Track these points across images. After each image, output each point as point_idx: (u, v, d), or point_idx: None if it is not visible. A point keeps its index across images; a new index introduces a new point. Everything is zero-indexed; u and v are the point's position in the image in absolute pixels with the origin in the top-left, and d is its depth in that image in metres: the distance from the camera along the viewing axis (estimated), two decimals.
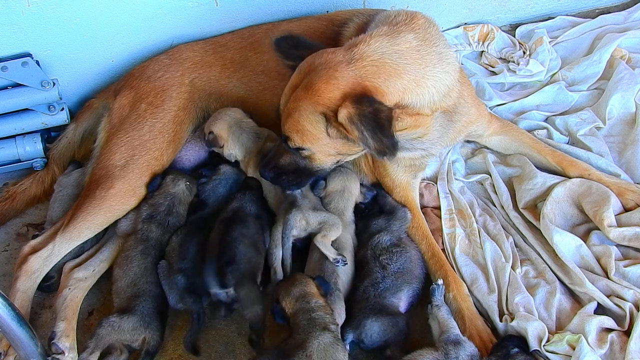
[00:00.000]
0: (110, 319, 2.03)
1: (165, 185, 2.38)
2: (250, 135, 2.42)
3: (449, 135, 2.38)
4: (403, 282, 2.12)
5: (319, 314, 1.89)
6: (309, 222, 2.18)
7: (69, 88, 2.76)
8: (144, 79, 2.55)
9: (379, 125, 1.86)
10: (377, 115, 1.87)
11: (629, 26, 3.11)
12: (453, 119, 2.31)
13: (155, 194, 2.36)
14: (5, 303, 1.83)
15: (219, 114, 2.45)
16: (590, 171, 2.43)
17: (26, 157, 2.71)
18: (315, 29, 2.51)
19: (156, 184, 2.39)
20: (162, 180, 2.40)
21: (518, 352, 1.93)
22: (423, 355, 1.90)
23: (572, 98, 2.84)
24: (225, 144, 2.41)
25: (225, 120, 2.41)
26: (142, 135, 2.41)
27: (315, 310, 1.90)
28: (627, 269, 2.11)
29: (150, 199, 2.36)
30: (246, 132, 2.42)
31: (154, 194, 2.37)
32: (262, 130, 2.46)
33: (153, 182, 2.39)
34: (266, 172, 2.20)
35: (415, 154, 2.36)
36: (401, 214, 2.32)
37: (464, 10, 3.18)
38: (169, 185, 2.38)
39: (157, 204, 2.34)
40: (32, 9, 2.44)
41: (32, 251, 2.26)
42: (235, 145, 2.41)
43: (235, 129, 2.41)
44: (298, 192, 2.25)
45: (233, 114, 2.45)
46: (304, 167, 2.16)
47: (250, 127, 2.44)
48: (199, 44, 2.67)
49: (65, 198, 2.49)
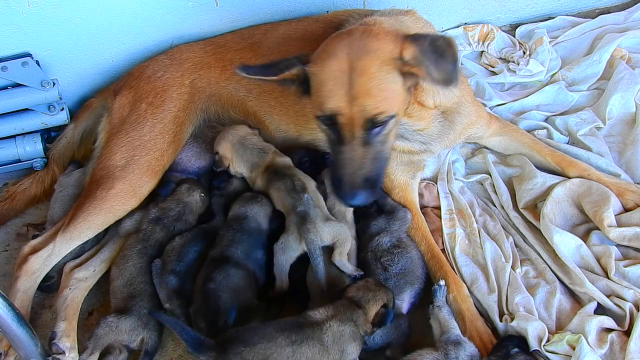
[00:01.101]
0: (107, 319, 2.03)
1: (179, 193, 2.38)
2: (254, 152, 2.40)
3: (449, 137, 2.38)
4: (405, 283, 2.12)
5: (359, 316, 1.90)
6: (323, 238, 2.13)
7: (69, 88, 2.76)
8: (144, 79, 2.54)
9: (440, 53, 1.84)
10: (435, 45, 1.86)
11: (629, 26, 3.11)
12: (454, 120, 2.32)
13: (168, 199, 2.36)
14: (5, 303, 1.83)
15: (223, 134, 2.44)
16: (590, 171, 2.43)
17: (26, 157, 2.71)
18: (312, 31, 2.51)
19: (170, 189, 2.39)
20: (177, 187, 2.40)
21: (518, 352, 1.92)
22: (423, 356, 1.90)
23: (572, 98, 2.84)
24: (230, 163, 2.41)
25: (228, 140, 2.41)
26: (143, 136, 2.41)
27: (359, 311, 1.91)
28: (627, 269, 2.10)
29: (161, 202, 2.35)
30: (249, 149, 2.40)
31: (166, 198, 2.37)
32: (267, 145, 2.44)
33: (167, 187, 2.39)
34: (360, 194, 1.96)
35: (414, 147, 2.37)
36: (401, 215, 2.32)
37: (464, 10, 3.18)
38: (183, 194, 2.38)
39: (168, 208, 2.33)
40: (32, 9, 2.44)
41: (33, 251, 2.26)
42: (240, 164, 2.40)
43: (238, 147, 2.40)
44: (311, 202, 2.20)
45: (236, 132, 2.43)
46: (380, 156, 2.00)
47: (254, 143, 2.42)
48: (199, 44, 2.67)
49: (65, 198, 2.49)
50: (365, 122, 1.92)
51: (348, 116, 1.92)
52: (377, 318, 1.92)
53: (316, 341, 1.81)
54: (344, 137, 1.96)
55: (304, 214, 2.16)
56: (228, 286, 2.04)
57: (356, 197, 1.96)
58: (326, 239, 2.13)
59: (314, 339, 1.81)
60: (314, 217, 2.15)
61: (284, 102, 2.54)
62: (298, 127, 2.57)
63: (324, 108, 1.94)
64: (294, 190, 2.24)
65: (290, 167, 2.37)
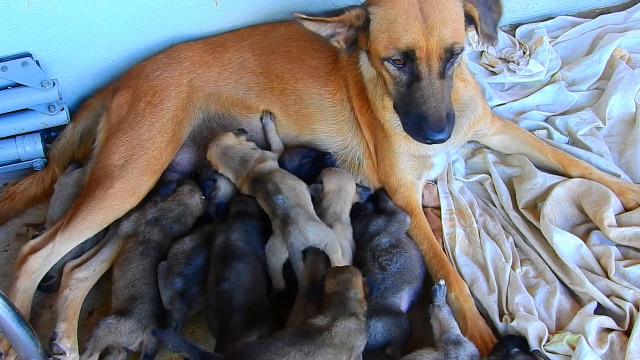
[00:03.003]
0: (107, 320, 2.02)
1: (181, 194, 2.37)
2: (236, 160, 2.41)
3: (460, 133, 2.38)
4: (403, 281, 2.12)
5: (353, 303, 1.90)
6: (307, 238, 2.11)
7: (69, 88, 2.76)
8: (142, 77, 2.55)
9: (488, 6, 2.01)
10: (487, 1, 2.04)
11: (629, 26, 3.11)
12: (463, 114, 2.33)
13: (169, 199, 2.35)
14: (6, 303, 1.83)
15: (211, 143, 2.47)
16: (591, 170, 2.43)
17: (26, 157, 2.71)
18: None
19: (170, 189, 2.38)
20: (178, 188, 2.39)
21: (518, 352, 1.92)
22: (423, 355, 1.89)
23: (572, 98, 2.84)
24: (218, 169, 2.44)
25: (213, 150, 2.44)
26: (141, 135, 2.41)
27: (350, 299, 1.91)
28: (627, 269, 2.10)
29: (161, 203, 2.34)
30: (231, 158, 2.41)
31: (166, 198, 2.35)
32: (249, 153, 2.43)
33: (167, 187, 2.38)
34: (446, 128, 1.99)
35: None
36: (401, 218, 2.32)
37: None
38: (185, 195, 2.37)
39: (169, 209, 2.32)
40: (32, 9, 2.44)
41: (32, 251, 2.25)
42: (226, 170, 2.43)
43: (221, 156, 2.43)
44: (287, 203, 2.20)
45: (221, 142, 2.45)
46: (450, 90, 2.06)
47: (236, 152, 2.43)
48: (198, 44, 2.67)
49: (65, 198, 2.49)
50: (444, 52, 1.97)
51: (426, 48, 1.96)
52: (366, 290, 1.96)
53: (328, 347, 1.80)
54: (420, 73, 2.00)
55: (283, 217, 2.17)
56: (241, 286, 2.05)
57: (444, 131, 1.98)
58: (311, 238, 2.11)
59: (326, 345, 1.80)
60: (294, 218, 2.15)
61: (285, 100, 2.55)
62: (298, 126, 2.57)
63: (399, 45, 1.98)
64: (268, 196, 2.24)
65: (270, 172, 2.35)
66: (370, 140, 2.47)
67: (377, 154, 2.46)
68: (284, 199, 2.22)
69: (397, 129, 2.34)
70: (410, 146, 2.36)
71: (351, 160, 2.52)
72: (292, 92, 2.53)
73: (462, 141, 2.49)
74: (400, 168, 2.39)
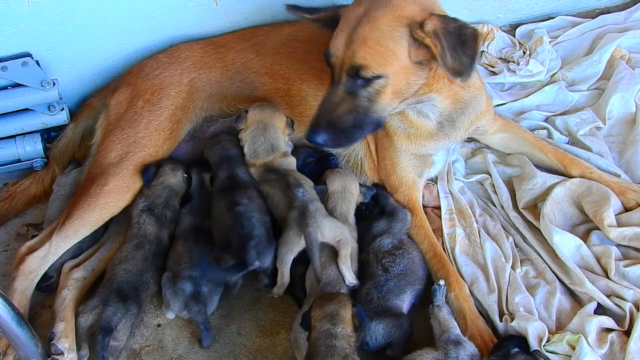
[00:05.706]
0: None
1: (164, 174, 2.33)
2: (265, 144, 2.37)
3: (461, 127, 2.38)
4: (406, 283, 2.11)
5: (341, 342, 1.79)
6: (324, 233, 2.11)
7: (69, 88, 2.76)
8: (142, 76, 2.55)
9: (462, 42, 1.87)
10: (462, 32, 1.88)
11: (629, 26, 3.11)
12: (464, 112, 2.33)
13: (153, 184, 2.31)
14: (5, 303, 1.83)
15: (263, 105, 2.43)
16: (591, 170, 2.43)
17: (26, 157, 2.71)
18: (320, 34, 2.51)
19: (151, 172, 2.33)
20: (159, 170, 2.35)
21: (518, 352, 1.92)
22: (423, 355, 1.90)
23: (572, 98, 2.84)
24: (243, 132, 2.41)
25: (257, 114, 2.39)
26: (138, 132, 2.40)
27: (338, 338, 1.79)
28: (627, 269, 2.10)
29: (145, 190, 2.31)
30: (264, 137, 2.37)
31: (149, 184, 2.31)
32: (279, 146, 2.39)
33: (147, 171, 2.33)
34: (320, 133, 2.00)
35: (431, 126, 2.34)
36: (402, 216, 2.32)
37: (463, 10, 3.18)
38: (168, 174, 2.33)
39: (155, 195, 2.29)
40: (32, 9, 2.44)
41: (29, 251, 2.25)
42: (248, 139, 2.39)
43: (259, 125, 2.38)
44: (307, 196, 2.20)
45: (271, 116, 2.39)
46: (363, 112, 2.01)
47: (272, 136, 2.38)
48: (199, 44, 2.67)
49: (63, 197, 2.48)
50: (351, 69, 1.97)
51: (339, 59, 2.00)
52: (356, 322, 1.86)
53: None
54: (333, 79, 2.05)
55: (302, 209, 2.15)
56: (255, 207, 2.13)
57: (315, 134, 2.02)
58: (327, 235, 2.12)
59: None
60: (313, 211, 2.14)
61: (290, 101, 2.55)
62: (302, 127, 2.56)
63: (326, 48, 2.03)
64: (288, 187, 2.23)
65: (289, 169, 2.36)
66: (371, 140, 2.47)
67: (377, 153, 2.46)
68: (304, 192, 2.21)
69: (398, 128, 2.35)
70: (411, 145, 2.36)
71: (354, 160, 2.53)
72: (298, 93, 2.54)
73: (463, 137, 2.49)
74: (402, 166, 2.39)
